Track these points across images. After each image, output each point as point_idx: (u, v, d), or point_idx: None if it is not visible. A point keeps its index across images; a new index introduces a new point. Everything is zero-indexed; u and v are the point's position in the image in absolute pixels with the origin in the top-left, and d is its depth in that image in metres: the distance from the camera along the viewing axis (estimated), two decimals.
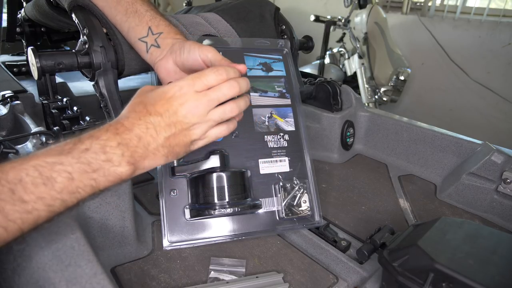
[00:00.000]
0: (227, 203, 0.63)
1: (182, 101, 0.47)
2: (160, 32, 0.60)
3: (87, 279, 0.43)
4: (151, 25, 0.61)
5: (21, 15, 1.15)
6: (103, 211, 0.62)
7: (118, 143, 0.43)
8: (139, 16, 0.62)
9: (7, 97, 0.82)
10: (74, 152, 0.40)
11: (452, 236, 0.53)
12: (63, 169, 0.39)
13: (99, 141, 0.42)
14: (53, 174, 0.38)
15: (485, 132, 2.72)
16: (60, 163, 0.39)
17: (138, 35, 0.62)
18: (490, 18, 2.65)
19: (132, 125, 0.45)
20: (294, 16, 3.10)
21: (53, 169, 0.39)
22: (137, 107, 0.47)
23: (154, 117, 0.46)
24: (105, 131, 0.43)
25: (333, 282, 0.63)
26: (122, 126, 0.45)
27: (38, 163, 0.38)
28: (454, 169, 0.94)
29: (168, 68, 0.59)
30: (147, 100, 0.47)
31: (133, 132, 0.45)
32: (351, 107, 1.08)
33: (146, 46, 0.61)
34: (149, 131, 0.46)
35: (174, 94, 0.47)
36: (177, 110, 0.47)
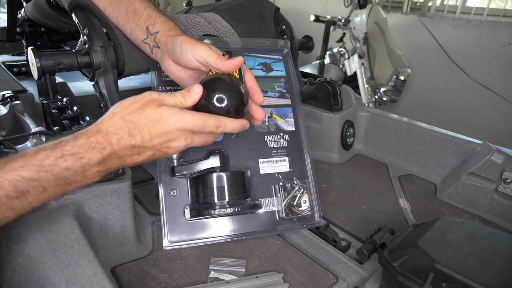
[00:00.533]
0: (227, 203, 0.63)
1: (176, 138, 0.48)
2: (156, 31, 0.59)
3: (87, 279, 0.43)
4: (148, 24, 0.60)
5: (21, 15, 1.15)
6: (103, 211, 0.62)
7: (99, 163, 0.43)
8: (137, 15, 0.61)
9: (7, 97, 0.82)
10: (55, 170, 0.40)
11: (452, 236, 0.53)
12: (39, 185, 0.39)
13: (82, 160, 0.42)
14: (28, 188, 0.39)
15: (485, 132, 2.72)
16: (37, 179, 0.39)
17: (140, 36, 0.61)
18: (490, 18, 2.64)
19: (119, 148, 0.45)
20: (294, 16, 3.09)
21: (29, 184, 0.39)
22: (133, 130, 0.46)
23: (145, 144, 0.47)
24: (90, 149, 0.42)
25: (333, 282, 0.63)
26: (109, 146, 0.44)
27: (14, 178, 0.38)
28: (454, 169, 0.94)
29: (170, 68, 0.59)
30: (147, 124, 0.46)
31: (117, 153, 0.45)
32: (351, 107, 1.08)
33: (150, 47, 0.61)
34: (133, 155, 0.47)
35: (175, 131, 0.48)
36: (169, 145, 0.49)
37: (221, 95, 0.51)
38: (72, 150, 0.42)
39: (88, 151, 0.42)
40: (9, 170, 0.38)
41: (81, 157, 0.42)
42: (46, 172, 0.40)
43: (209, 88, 0.51)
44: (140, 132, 0.46)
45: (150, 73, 0.71)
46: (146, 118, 0.46)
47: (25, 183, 0.38)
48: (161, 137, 0.47)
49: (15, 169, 0.38)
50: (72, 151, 0.41)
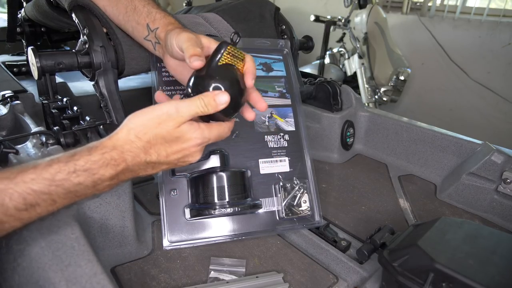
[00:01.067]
0: (227, 203, 0.63)
1: (193, 153, 0.48)
2: (156, 27, 0.58)
3: (87, 279, 0.43)
4: (148, 21, 0.59)
5: (21, 15, 1.15)
6: (103, 211, 0.62)
7: (111, 178, 0.43)
8: (137, 13, 0.61)
9: (7, 97, 0.82)
10: (66, 184, 0.40)
11: (452, 236, 0.53)
12: (49, 198, 0.39)
13: (94, 176, 0.41)
14: (38, 201, 0.38)
15: (485, 132, 2.72)
16: (47, 193, 0.39)
17: (142, 34, 0.61)
18: (490, 18, 2.64)
19: (133, 164, 0.45)
20: (294, 16, 3.09)
21: (39, 197, 0.38)
22: (149, 148, 0.45)
23: (161, 160, 0.46)
24: (104, 166, 0.42)
25: (333, 282, 0.63)
26: (124, 162, 0.43)
27: (24, 190, 0.37)
28: (454, 169, 0.94)
29: (171, 64, 0.59)
30: (163, 142, 0.45)
31: (132, 169, 0.45)
32: (351, 107, 1.08)
33: (152, 44, 0.60)
34: (146, 169, 0.47)
35: (193, 148, 0.47)
36: (185, 160, 0.49)
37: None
38: (85, 165, 0.41)
39: (101, 168, 0.42)
40: (20, 182, 0.37)
41: (94, 173, 0.41)
42: (57, 186, 0.39)
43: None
44: (157, 151, 0.46)
45: (150, 73, 0.71)
46: (162, 139, 0.45)
47: (35, 196, 0.38)
48: (177, 154, 0.47)
49: (26, 182, 0.38)
50: (85, 166, 0.41)
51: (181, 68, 0.58)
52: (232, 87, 0.48)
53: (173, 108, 0.45)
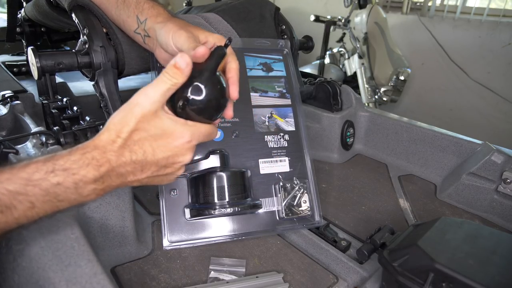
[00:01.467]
0: (227, 203, 0.63)
1: (184, 153, 0.45)
2: (145, 18, 0.56)
3: (87, 279, 0.42)
4: (137, 13, 0.57)
5: (21, 15, 1.15)
6: (103, 211, 0.62)
7: (95, 180, 0.40)
8: (127, 6, 0.59)
9: (7, 97, 0.82)
10: (44, 185, 0.37)
11: (452, 236, 0.53)
12: (26, 199, 0.36)
13: (74, 176, 0.39)
14: (13, 202, 0.36)
15: (485, 132, 2.72)
16: (24, 194, 0.36)
17: (132, 27, 0.59)
18: (490, 18, 2.64)
19: (119, 164, 0.42)
20: (294, 16, 3.09)
21: (15, 198, 0.36)
22: (133, 145, 0.42)
23: (148, 159, 0.43)
24: (85, 166, 0.39)
25: (333, 282, 0.63)
26: (107, 163, 0.41)
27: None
28: (454, 169, 0.94)
29: (164, 57, 0.56)
30: (147, 137, 0.43)
31: (116, 170, 0.42)
32: (351, 107, 1.08)
33: (142, 37, 0.58)
34: (134, 171, 0.43)
35: (181, 145, 0.45)
36: (176, 160, 0.45)
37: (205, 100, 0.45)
38: (64, 165, 0.38)
39: (82, 168, 0.39)
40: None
41: (73, 173, 0.38)
42: (34, 186, 0.37)
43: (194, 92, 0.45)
44: (141, 146, 0.43)
45: (150, 73, 0.71)
46: (145, 132, 0.43)
47: (10, 197, 0.35)
48: (165, 151, 0.44)
49: (0, 182, 0.36)
50: (64, 166, 0.38)
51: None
52: (210, 86, 0.45)
53: (142, 95, 0.43)
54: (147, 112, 0.43)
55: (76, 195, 0.40)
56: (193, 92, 0.45)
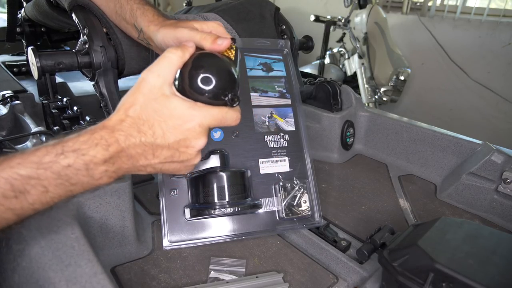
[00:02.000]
0: (227, 202, 0.63)
1: (196, 136, 0.43)
2: (140, 28, 0.56)
3: (87, 279, 0.43)
4: (133, 21, 0.57)
5: (21, 15, 1.15)
6: (103, 211, 0.62)
7: (105, 161, 0.39)
8: (123, 11, 0.58)
9: (7, 97, 0.82)
10: (55, 167, 0.37)
11: (452, 236, 0.53)
12: (38, 183, 0.36)
13: (84, 157, 0.38)
14: (26, 187, 0.36)
15: (485, 132, 2.72)
16: (36, 177, 0.36)
17: (133, 34, 0.60)
18: (490, 18, 2.65)
19: (128, 145, 0.40)
20: (294, 16, 3.09)
21: (27, 183, 0.36)
22: (142, 125, 0.41)
23: (158, 141, 0.42)
24: (94, 145, 0.39)
25: (333, 282, 0.63)
26: (116, 143, 0.40)
27: (10, 175, 0.35)
28: (454, 169, 0.94)
29: None
30: (156, 117, 0.41)
31: (126, 151, 0.41)
32: (351, 107, 1.08)
33: (145, 44, 0.59)
34: (145, 153, 0.42)
35: (193, 128, 0.43)
36: (189, 144, 0.43)
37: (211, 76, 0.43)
38: (73, 146, 0.38)
39: (91, 148, 0.38)
40: (6, 168, 0.35)
41: (83, 154, 0.38)
42: (45, 169, 0.36)
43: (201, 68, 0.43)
44: (151, 127, 0.41)
45: None
46: (154, 112, 0.41)
47: (23, 181, 0.35)
48: (176, 133, 0.42)
49: (12, 167, 0.35)
50: (73, 147, 0.38)
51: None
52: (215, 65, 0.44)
53: (146, 71, 0.42)
54: (152, 86, 0.42)
55: (88, 177, 0.39)
56: (197, 68, 0.43)
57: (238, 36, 0.88)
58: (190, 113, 0.42)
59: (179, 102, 0.42)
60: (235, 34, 0.88)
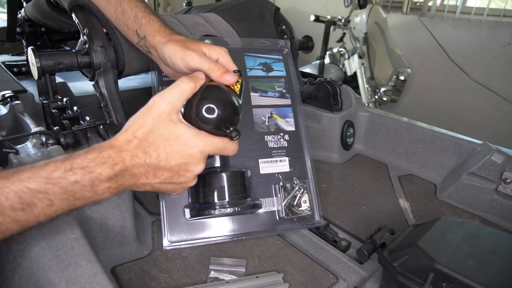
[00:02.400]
0: (227, 203, 0.62)
1: (197, 162, 0.46)
2: (144, 36, 0.57)
3: (87, 279, 0.43)
4: (136, 27, 0.58)
5: (21, 15, 1.15)
6: (103, 211, 0.62)
7: (109, 178, 0.41)
8: (126, 17, 0.59)
9: (7, 97, 0.82)
10: (62, 183, 0.38)
11: (452, 236, 0.53)
12: (46, 197, 0.38)
13: (91, 174, 0.40)
14: (34, 200, 0.37)
15: (485, 132, 2.72)
16: (44, 192, 0.38)
17: (132, 40, 0.60)
18: (490, 18, 2.64)
19: (132, 164, 0.43)
20: (294, 16, 3.09)
21: (35, 196, 0.37)
22: (148, 148, 0.44)
23: (161, 164, 0.44)
24: (101, 164, 0.41)
25: (333, 282, 0.63)
26: (121, 162, 0.42)
27: (20, 189, 0.36)
28: (454, 169, 0.94)
29: (169, 72, 0.59)
30: (162, 141, 0.44)
31: (130, 170, 0.43)
32: (351, 107, 1.08)
33: (144, 50, 0.60)
34: (147, 174, 0.44)
35: (195, 154, 0.46)
36: (188, 168, 0.46)
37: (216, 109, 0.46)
38: (82, 163, 0.40)
39: (98, 166, 0.40)
40: (16, 181, 0.37)
41: (90, 171, 0.40)
42: (54, 184, 0.38)
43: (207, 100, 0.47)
44: (156, 150, 0.44)
45: (150, 73, 0.71)
46: (160, 136, 0.44)
47: (31, 195, 0.37)
48: (179, 158, 0.45)
49: (22, 180, 0.37)
50: (82, 164, 0.40)
51: (181, 75, 0.56)
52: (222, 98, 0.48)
53: (158, 97, 0.45)
54: (162, 112, 0.44)
55: (91, 193, 0.41)
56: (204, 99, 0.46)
57: (238, 36, 0.88)
58: (194, 140, 0.45)
59: (185, 129, 0.45)
60: (235, 34, 0.88)
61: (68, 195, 0.39)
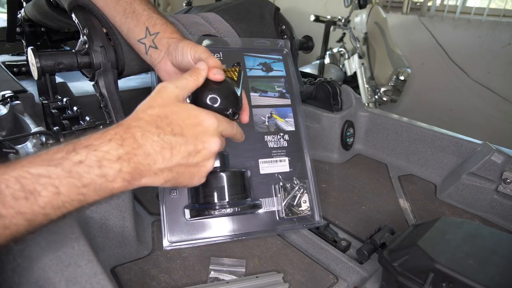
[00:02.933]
0: (227, 203, 0.62)
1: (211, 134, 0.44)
2: (157, 32, 0.58)
3: (87, 279, 0.43)
4: (148, 25, 0.59)
5: (21, 15, 1.15)
6: (103, 211, 0.62)
7: (119, 157, 0.38)
8: (137, 16, 0.60)
9: (7, 97, 0.82)
10: (65, 164, 0.35)
11: (452, 236, 0.53)
12: (49, 183, 0.35)
13: (96, 152, 0.37)
14: (37, 187, 0.34)
15: (485, 132, 2.72)
16: (47, 176, 0.34)
17: (137, 36, 0.61)
18: (490, 18, 2.65)
19: (145, 140, 0.39)
20: (294, 16, 3.09)
21: (37, 181, 0.34)
22: (160, 122, 0.41)
23: (177, 138, 0.41)
24: (107, 141, 0.37)
25: (333, 282, 0.63)
26: (131, 138, 0.39)
27: (21, 174, 0.34)
28: (454, 169, 0.94)
29: (168, 70, 0.58)
30: (174, 117, 0.42)
31: (143, 148, 0.39)
32: (351, 107, 1.08)
33: (145, 47, 0.60)
34: (163, 151, 0.41)
35: (208, 126, 0.44)
36: (205, 140, 0.44)
37: (217, 96, 0.49)
38: (85, 142, 0.37)
39: (104, 143, 0.37)
40: (17, 167, 0.34)
41: (95, 149, 0.36)
42: (56, 166, 0.35)
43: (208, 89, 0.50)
44: (169, 124, 0.41)
45: (150, 73, 0.71)
46: (172, 112, 0.42)
47: (33, 180, 0.34)
48: (194, 130, 0.43)
49: (22, 165, 0.34)
50: (85, 143, 0.37)
51: (178, 76, 0.58)
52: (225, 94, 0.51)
53: (165, 82, 0.45)
54: (171, 92, 0.44)
55: (100, 177, 0.37)
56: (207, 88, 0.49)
57: (238, 36, 0.88)
58: (206, 114, 0.45)
59: (194, 107, 0.45)
60: (234, 34, 0.88)
61: (74, 178, 0.36)
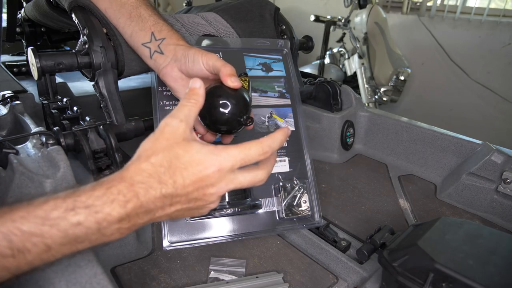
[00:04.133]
0: (227, 203, 0.63)
1: (214, 182, 0.41)
2: (163, 38, 0.59)
3: (87, 279, 0.43)
4: (154, 30, 0.59)
5: (21, 15, 1.15)
6: None
7: (120, 219, 0.36)
8: (142, 20, 0.61)
9: (7, 97, 0.82)
10: (62, 224, 0.33)
11: (452, 236, 0.53)
12: (41, 241, 0.32)
13: (97, 215, 0.35)
14: (27, 245, 0.32)
15: (485, 132, 2.73)
16: (39, 235, 0.32)
17: (141, 40, 0.61)
18: (490, 18, 2.65)
19: (148, 198, 0.38)
20: (294, 16, 3.10)
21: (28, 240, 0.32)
22: (163, 175, 0.39)
23: (179, 191, 0.40)
24: (109, 202, 0.36)
25: (333, 282, 0.63)
26: (135, 198, 0.37)
27: (10, 230, 0.31)
28: (454, 169, 0.94)
29: (174, 76, 0.59)
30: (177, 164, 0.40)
31: (145, 206, 0.38)
32: (351, 107, 1.08)
33: (150, 51, 0.60)
34: (164, 206, 0.40)
35: (212, 174, 0.41)
36: (206, 191, 0.41)
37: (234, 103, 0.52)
38: (86, 201, 0.35)
39: (106, 204, 0.35)
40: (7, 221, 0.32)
41: (96, 211, 0.35)
42: (51, 226, 0.33)
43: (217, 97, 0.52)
44: (172, 176, 0.39)
45: (150, 73, 0.71)
46: (176, 159, 0.40)
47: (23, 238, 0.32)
48: (197, 182, 0.40)
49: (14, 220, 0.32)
50: (86, 202, 0.35)
51: (184, 82, 0.59)
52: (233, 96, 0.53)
53: (168, 117, 0.43)
54: (176, 129, 0.42)
55: (98, 235, 0.36)
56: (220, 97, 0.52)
57: (238, 36, 0.88)
58: (210, 158, 0.41)
59: (199, 146, 0.41)
60: (234, 34, 0.88)
61: (70, 239, 0.34)
